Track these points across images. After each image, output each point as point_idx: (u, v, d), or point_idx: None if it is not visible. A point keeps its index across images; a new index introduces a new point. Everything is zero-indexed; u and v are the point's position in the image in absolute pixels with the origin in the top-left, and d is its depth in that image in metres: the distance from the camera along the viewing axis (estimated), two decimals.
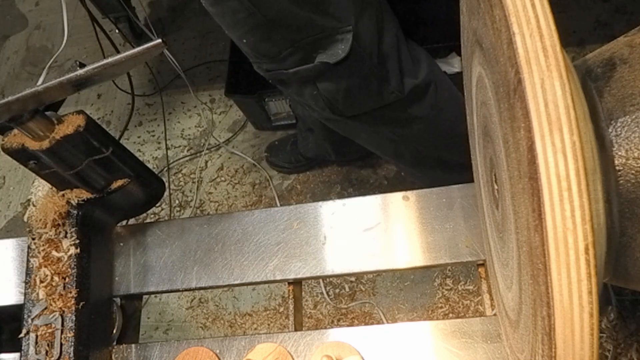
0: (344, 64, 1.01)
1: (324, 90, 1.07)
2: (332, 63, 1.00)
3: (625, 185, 0.43)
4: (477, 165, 0.66)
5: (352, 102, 1.12)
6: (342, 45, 0.99)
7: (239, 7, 0.90)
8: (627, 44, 0.47)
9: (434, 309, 1.55)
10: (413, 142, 1.33)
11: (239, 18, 0.92)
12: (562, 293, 0.33)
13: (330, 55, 1.00)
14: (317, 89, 1.07)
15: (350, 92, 1.09)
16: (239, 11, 0.91)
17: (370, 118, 1.20)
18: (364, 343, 0.68)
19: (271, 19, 0.92)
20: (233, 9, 0.90)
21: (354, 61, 1.02)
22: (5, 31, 2.47)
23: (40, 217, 0.72)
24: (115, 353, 0.75)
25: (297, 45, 0.98)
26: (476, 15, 0.48)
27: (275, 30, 0.95)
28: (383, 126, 1.25)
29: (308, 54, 1.00)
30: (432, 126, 1.31)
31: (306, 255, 0.74)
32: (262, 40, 0.97)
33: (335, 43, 0.99)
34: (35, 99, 0.58)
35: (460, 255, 0.70)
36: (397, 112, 1.21)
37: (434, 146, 1.38)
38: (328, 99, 1.09)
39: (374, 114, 1.18)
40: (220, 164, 1.92)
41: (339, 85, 1.06)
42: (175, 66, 1.79)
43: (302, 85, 1.08)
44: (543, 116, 0.33)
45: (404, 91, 1.16)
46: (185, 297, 1.73)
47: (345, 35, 0.98)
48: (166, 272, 0.78)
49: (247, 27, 0.94)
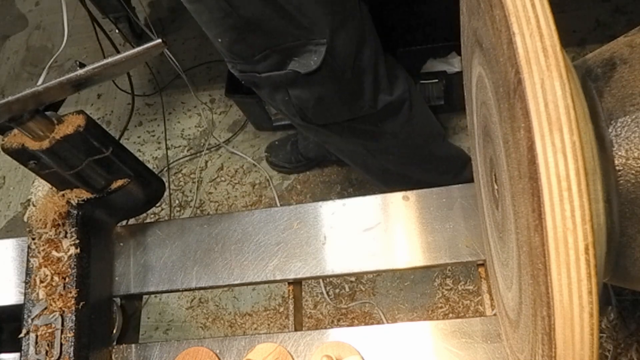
0: (316, 75, 1.01)
1: (295, 97, 1.07)
2: (302, 73, 1.00)
3: (625, 185, 0.43)
4: (477, 165, 0.66)
5: (323, 112, 1.12)
6: (315, 57, 0.99)
7: (215, 6, 0.89)
8: (627, 44, 0.47)
9: (434, 309, 1.55)
10: (381, 156, 1.34)
11: (215, 17, 0.92)
12: (562, 293, 0.33)
13: (303, 65, 0.99)
14: (289, 95, 1.07)
15: (322, 102, 1.08)
16: (216, 10, 0.90)
17: (341, 128, 1.19)
18: (364, 343, 0.68)
19: (247, 21, 0.91)
20: (210, 7, 0.90)
21: (326, 74, 1.01)
22: (5, 31, 2.47)
23: (40, 217, 0.72)
24: (115, 353, 0.75)
25: (271, 50, 0.98)
26: (476, 15, 0.48)
27: (250, 32, 0.94)
28: (353, 137, 1.25)
29: (282, 59, 1.00)
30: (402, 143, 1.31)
31: (306, 255, 0.74)
32: (237, 41, 0.96)
33: (308, 53, 0.99)
34: (35, 99, 0.58)
35: (460, 255, 0.70)
36: (369, 126, 1.21)
37: (401, 163, 1.39)
38: (299, 106, 1.09)
39: (345, 124, 1.18)
40: (220, 164, 1.92)
41: (310, 94, 1.06)
42: (175, 66, 1.79)
43: (274, 90, 1.07)
44: (543, 116, 0.33)
45: (376, 106, 1.16)
46: (185, 297, 1.73)
47: (319, 48, 0.98)
48: (166, 272, 0.78)
49: (222, 27, 0.94)
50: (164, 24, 2.23)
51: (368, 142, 1.28)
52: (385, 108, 1.18)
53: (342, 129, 1.19)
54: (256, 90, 1.12)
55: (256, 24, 0.92)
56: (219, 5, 0.88)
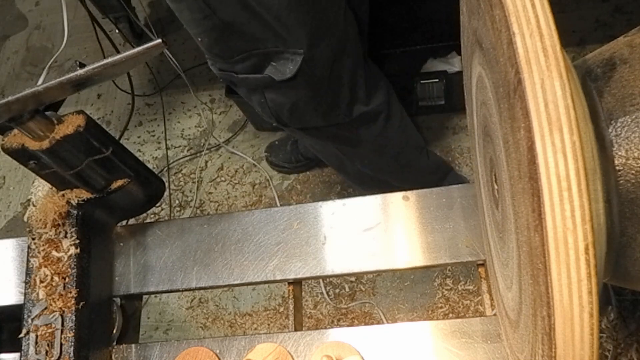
0: (291, 82, 1.01)
1: (270, 101, 1.08)
2: (276, 80, 1.00)
3: (625, 185, 0.43)
4: (477, 165, 0.66)
5: (297, 116, 1.13)
6: (291, 66, 0.99)
7: (196, 7, 0.90)
8: (627, 44, 0.47)
9: (434, 309, 1.55)
10: (357, 161, 1.35)
11: (195, 17, 0.92)
12: (562, 293, 0.33)
13: (279, 72, 1.00)
14: (265, 97, 1.08)
15: (297, 107, 1.09)
16: (196, 11, 0.91)
17: (317, 132, 1.20)
18: (364, 343, 0.68)
19: (226, 24, 0.92)
20: (190, 8, 0.91)
21: (302, 81, 1.02)
22: (5, 31, 2.47)
23: (40, 217, 0.72)
24: (115, 353, 0.75)
25: (250, 53, 0.98)
26: (476, 15, 0.48)
27: (229, 35, 0.95)
28: (329, 141, 1.26)
29: (260, 63, 1.01)
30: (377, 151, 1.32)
31: (306, 255, 0.74)
32: (216, 41, 0.97)
33: (285, 61, 0.99)
34: (35, 99, 0.58)
35: (460, 255, 0.70)
36: (344, 132, 1.22)
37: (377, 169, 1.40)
38: (274, 109, 1.10)
39: (322, 129, 1.19)
40: (220, 164, 1.92)
41: (285, 98, 1.07)
42: (175, 66, 1.79)
43: (251, 91, 1.08)
44: (543, 116, 0.33)
45: (351, 115, 1.17)
46: (185, 297, 1.73)
47: (296, 57, 0.98)
48: (166, 272, 0.78)
49: (202, 28, 0.94)
50: (164, 24, 2.23)
51: (344, 146, 1.29)
52: (360, 117, 1.19)
53: (318, 132, 1.20)
54: (234, 89, 1.13)
55: (235, 28, 0.93)
56: (199, 6, 0.89)
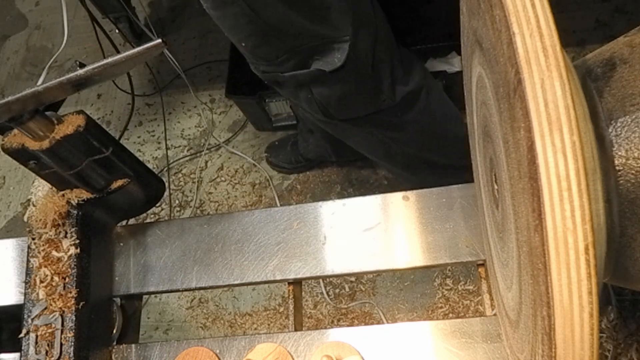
0: (340, 72, 1.03)
1: (318, 95, 1.09)
2: (327, 71, 1.01)
3: (625, 185, 0.43)
4: (477, 165, 0.66)
5: (345, 107, 1.14)
6: (339, 55, 1.01)
7: (240, 12, 0.91)
8: (627, 44, 0.47)
9: (434, 309, 1.55)
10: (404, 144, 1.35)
11: (239, 23, 0.94)
12: (562, 293, 0.33)
13: (327, 63, 1.01)
14: (312, 92, 1.09)
15: (344, 98, 1.10)
16: (240, 16, 0.92)
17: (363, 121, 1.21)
18: (364, 343, 0.68)
19: (271, 25, 0.93)
20: (234, 13, 0.92)
21: (349, 70, 1.03)
22: (5, 31, 2.47)
23: (40, 217, 0.72)
24: (115, 353, 0.75)
25: (294, 51, 1.00)
26: (476, 15, 0.48)
27: (274, 36, 0.96)
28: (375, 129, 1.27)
29: (305, 59, 1.02)
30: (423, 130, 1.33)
31: (306, 255, 0.74)
32: (261, 44, 0.98)
33: (332, 51, 1.01)
34: (35, 99, 0.58)
35: (460, 255, 0.70)
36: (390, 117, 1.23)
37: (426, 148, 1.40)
38: (322, 103, 1.11)
39: (367, 118, 1.20)
40: (220, 164, 1.92)
41: (332, 91, 1.08)
42: (175, 66, 1.79)
43: (297, 88, 1.09)
44: (543, 116, 0.33)
45: (394, 98, 1.18)
46: (185, 297, 1.73)
47: (342, 45, 1.00)
48: (166, 272, 0.78)
49: (246, 32, 0.96)
50: (164, 24, 2.23)
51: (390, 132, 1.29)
52: (404, 99, 1.19)
53: (364, 122, 1.21)
54: (278, 89, 1.14)
55: (280, 27, 0.94)
56: (243, 11, 0.90)
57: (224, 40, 2.08)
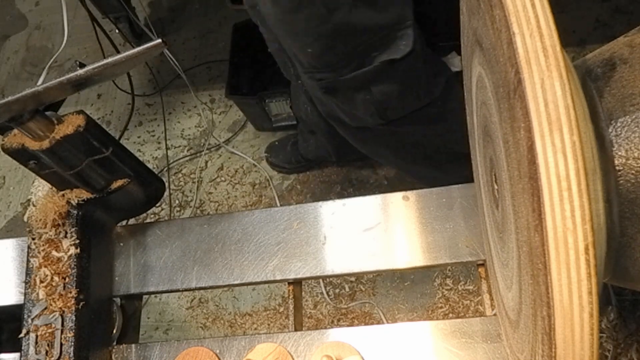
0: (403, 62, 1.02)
1: (377, 94, 1.09)
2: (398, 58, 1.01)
3: (625, 185, 0.43)
4: (477, 165, 0.66)
5: (402, 103, 1.14)
6: (404, 41, 1.01)
7: (312, 14, 0.91)
8: (627, 44, 0.47)
9: (434, 309, 1.55)
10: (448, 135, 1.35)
11: (309, 26, 0.94)
12: (562, 293, 0.33)
13: (393, 52, 1.01)
14: (370, 93, 1.08)
15: (403, 93, 1.10)
16: (313, 18, 0.92)
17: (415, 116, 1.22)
18: (364, 343, 0.68)
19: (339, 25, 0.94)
20: (306, 16, 0.92)
21: (412, 57, 1.03)
22: (5, 31, 2.47)
23: (40, 217, 0.72)
24: (115, 353, 0.75)
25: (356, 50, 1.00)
26: (476, 15, 0.48)
27: (339, 38, 0.97)
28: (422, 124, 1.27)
29: (366, 57, 1.02)
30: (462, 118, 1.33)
31: (306, 255, 0.74)
32: (325, 49, 0.98)
33: (395, 40, 1.01)
34: (35, 99, 0.58)
35: (460, 255, 0.70)
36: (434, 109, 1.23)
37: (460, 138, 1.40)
38: (380, 102, 1.11)
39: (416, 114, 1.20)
40: (220, 164, 1.92)
41: (394, 86, 1.08)
42: (175, 66, 1.79)
43: (355, 91, 1.09)
44: (543, 116, 0.33)
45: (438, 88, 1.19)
46: (185, 297, 1.73)
47: (406, 31, 1.00)
48: (166, 272, 0.78)
49: (315, 36, 0.96)
50: (164, 24, 2.23)
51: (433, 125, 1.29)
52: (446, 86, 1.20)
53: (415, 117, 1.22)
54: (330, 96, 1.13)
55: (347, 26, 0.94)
56: (317, 11, 0.91)
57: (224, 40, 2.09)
